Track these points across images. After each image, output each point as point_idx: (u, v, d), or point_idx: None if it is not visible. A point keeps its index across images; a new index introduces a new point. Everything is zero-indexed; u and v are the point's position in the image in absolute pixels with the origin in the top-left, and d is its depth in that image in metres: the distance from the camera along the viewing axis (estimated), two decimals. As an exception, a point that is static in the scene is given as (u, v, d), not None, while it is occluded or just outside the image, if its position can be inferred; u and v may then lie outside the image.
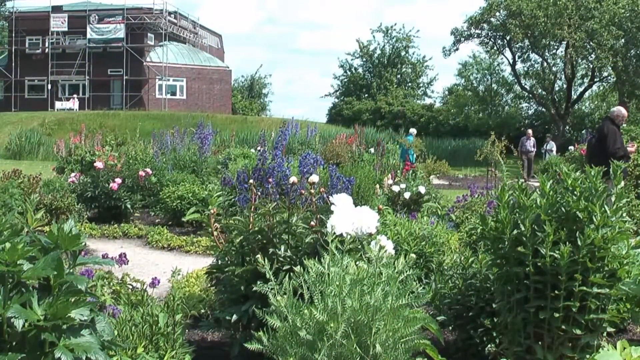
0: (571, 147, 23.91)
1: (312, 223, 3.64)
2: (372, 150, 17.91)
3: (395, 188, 9.64)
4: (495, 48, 39.42)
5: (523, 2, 33.68)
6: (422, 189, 9.67)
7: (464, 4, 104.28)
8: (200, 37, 54.20)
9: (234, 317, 3.63)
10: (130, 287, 4.33)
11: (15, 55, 47.70)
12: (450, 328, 4.20)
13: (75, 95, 46.11)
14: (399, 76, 53.69)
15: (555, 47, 38.09)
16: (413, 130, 22.98)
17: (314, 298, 2.67)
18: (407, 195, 9.48)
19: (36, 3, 50.56)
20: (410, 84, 54.74)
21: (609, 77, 38.04)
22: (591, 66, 37.01)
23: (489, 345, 3.89)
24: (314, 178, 3.78)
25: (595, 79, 38.79)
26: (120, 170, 10.79)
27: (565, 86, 40.20)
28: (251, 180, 4.16)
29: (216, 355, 4.06)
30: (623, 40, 33.76)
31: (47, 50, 47.61)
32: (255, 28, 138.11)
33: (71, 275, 2.26)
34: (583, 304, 3.21)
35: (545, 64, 39.15)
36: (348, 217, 2.99)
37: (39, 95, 47.57)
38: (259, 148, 11.18)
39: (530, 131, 24.06)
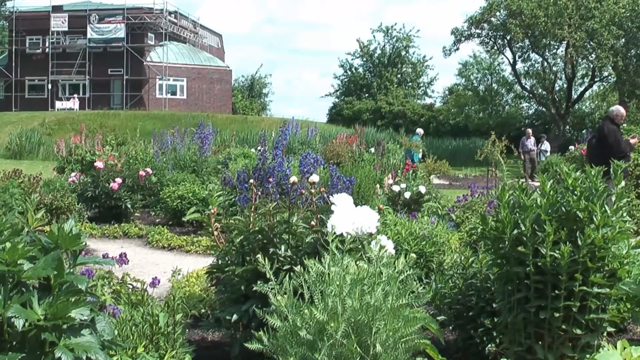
0: (571, 147, 23.90)
1: (313, 223, 3.64)
2: (372, 150, 17.92)
3: (396, 188, 9.64)
4: (495, 48, 39.40)
5: (523, 2, 33.65)
6: (422, 189, 9.66)
7: (464, 3, 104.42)
8: (201, 36, 54.21)
9: (234, 316, 3.63)
10: (131, 286, 4.33)
11: (15, 55, 47.71)
12: (451, 328, 4.20)
13: (75, 95, 46.13)
14: (399, 76, 53.70)
15: (556, 46, 38.09)
16: (420, 131, 23.01)
17: (314, 298, 2.67)
18: (407, 195, 9.48)
19: (36, 3, 50.69)
20: (410, 84, 54.77)
21: (609, 77, 38.03)
22: (591, 66, 37.00)
23: (490, 345, 3.89)
24: (315, 178, 3.78)
25: (596, 79, 38.79)
26: (120, 170, 10.79)
27: (565, 86, 40.20)
28: (251, 180, 4.16)
29: (216, 355, 4.06)
30: (623, 40, 33.74)
31: (47, 50, 47.63)
32: (255, 28, 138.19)
33: (71, 275, 2.26)
34: (583, 303, 3.21)
35: (545, 63, 39.15)
36: (348, 216, 2.99)
37: (39, 95, 47.59)
38: (259, 148, 11.18)
39: (529, 130, 23.92)
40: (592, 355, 3.15)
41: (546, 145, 25.76)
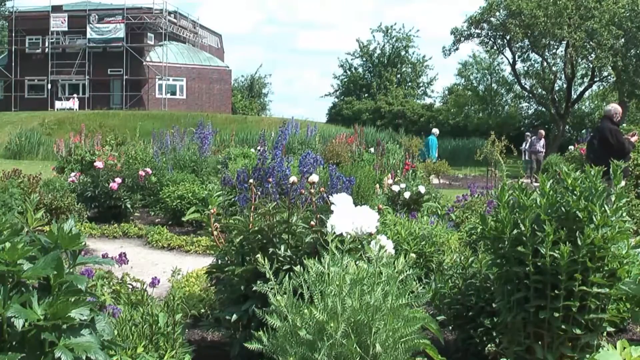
0: (571, 147, 23.88)
1: (312, 223, 3.63)
2: (372, 150, 17.92)
3: (395, 188, 9.63)
4: (495, 48, 39.38)
5: (523, 2, 33.63)
6: (422, 189, 9.66)
7: (464, 3, 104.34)
8: (200, 36, 54.22)
9: (234, 316, 3.63)
10: (130, 286, 4.32)
11: (15, 55, 47.72)
12: (450, 328, 4.20)
13: (75, 95, 46.14)
14: (398, 76, 53.73)
15: (555, 46, 38.03)
16: (435, 131, 23.12)
17: (314, 298, 2.66)
18: (407, 194, 9.48)
19: (36, 3, 50.92)
20: (410, 84, 54.80)
21: (609, 77, 37.96)
22: (591, 66, 36.95)
23: (489, 345, 3.89)
24: (314, 178, 3.78)
25: (595, 79, 38.74)
26: (120, 169, 10.79)
27: (565, 86, 40.16)
28: (251, 180, 4.16)
29: (216, 355, 4.06)
30: (623, 39, 33.71)
31: (47, 50, 47.64)
32: (255, 28, 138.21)
33: (71, 274, 2.26)
34: (583, 303, 3.21)
35: (545, 63, 39.11)
36: (348, 216, 2.99)
37: (38, 95, 47.60)
38: (259, 148, 11.14)
39: (542, 131, 23.45)
40: (591, 355, 3.15)
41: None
